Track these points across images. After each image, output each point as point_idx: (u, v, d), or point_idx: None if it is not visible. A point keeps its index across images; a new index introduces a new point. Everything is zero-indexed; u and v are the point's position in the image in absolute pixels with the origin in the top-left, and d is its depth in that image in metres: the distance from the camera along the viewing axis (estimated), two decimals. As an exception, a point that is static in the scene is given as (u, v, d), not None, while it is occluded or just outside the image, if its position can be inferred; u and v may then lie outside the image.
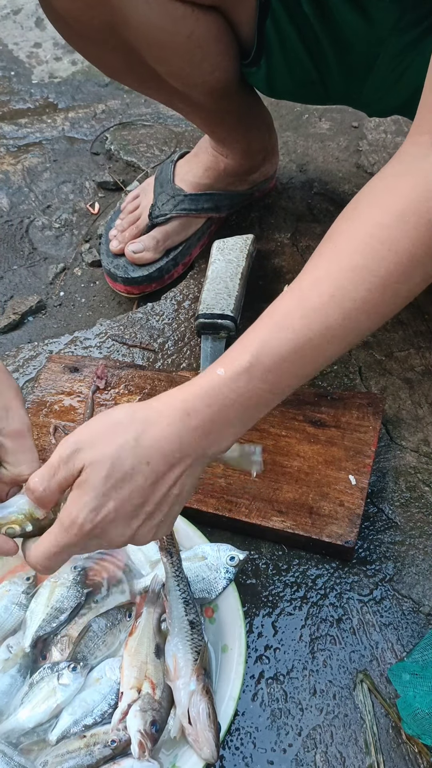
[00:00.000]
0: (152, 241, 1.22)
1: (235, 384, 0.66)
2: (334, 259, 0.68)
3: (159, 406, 0.67)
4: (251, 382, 0.67)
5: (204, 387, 0.67)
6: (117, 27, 0.94)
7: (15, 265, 1.35)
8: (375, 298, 0.67)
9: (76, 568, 0.87)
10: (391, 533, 0.96)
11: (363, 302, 0.67)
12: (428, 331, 1.15)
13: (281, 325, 0.67)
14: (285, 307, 0.69)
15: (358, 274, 0.66)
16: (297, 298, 0.68)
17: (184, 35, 0.94)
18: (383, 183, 0.70)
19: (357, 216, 0.69)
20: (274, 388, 0.68)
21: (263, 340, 0.67)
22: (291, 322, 0.67)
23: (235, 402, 0.67)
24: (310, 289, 0.68)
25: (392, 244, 0.66)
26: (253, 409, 0.69)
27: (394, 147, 1.45)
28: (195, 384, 0.67)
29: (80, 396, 1.08)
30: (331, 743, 0.81)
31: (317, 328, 0.67)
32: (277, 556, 0.95)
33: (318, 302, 0.67)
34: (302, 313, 0.67)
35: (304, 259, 1.27)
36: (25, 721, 0.77)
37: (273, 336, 0.67)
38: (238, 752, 0.81)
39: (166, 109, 1.59)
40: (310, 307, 0.67)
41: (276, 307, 0.70)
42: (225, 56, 1.00)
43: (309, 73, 1.03)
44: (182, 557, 0.84)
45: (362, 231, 0.67)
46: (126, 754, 0.74)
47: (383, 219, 0.67)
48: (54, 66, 1.76)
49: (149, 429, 0.65)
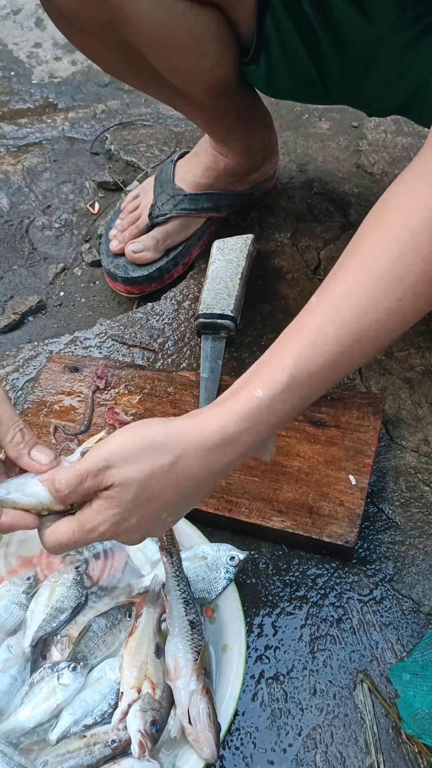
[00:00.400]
0: (152, 240, 1.22)
1: (274, 406, 0.66)
2: (363, 267, 0.67)
3: (197, 431, 0.66)
4: (287, 402, 0.67)
5: (243, 411, 0.66)
6: (117, 23, 0.94)
7: (15, 265, 1.35)
8: (406, 307, 0.66)
9: (77, 569, 0.87)
10: (391, 533, 0.96)
11: (396, 312, 0.66)
12: (428, 330, 1.15)
13: (315, 341, 0.66)
14: (318, 320, 0.67)
15: (389, 283, 0.66)
16: (330, 312, 0.67)
17: (184, 31, 0.94)
18: (407, 187, 0.69)
19: (383, 222, 0.68)
20: (305, 403, 0.69)
21: (299, 357, 0.66)
22: (325, 337, 0.66)
23: (271, 422, 0.67)
24: (341, 301, 0.67)
25: (421, 250, 0.65)
26: (283, 423, 0.69)
27: (394, 147, 1.45)
28: (233, 407, 0.66)
29: (80, 396, 1.08)
30: (331, 743, 0.81)
31: (350, 342, 0.67)
32: (277, 556, 0.95)
33: (350, 315, 0.66)
34: (336, 328, 0.66)
35: (304, 259, 1.27)
36: (25, 721, 0.77)
37: (308, 353, 0.66)
38: (238, 752, 0.81)
39: (165, 109, 1.59)
40: (342, 321, 0.66)
41: (307, 320, 0.68)
42: (225, 53, 1.01)
43: (308, 72, 1.03)
44: (182, 557, 0.84)
45: (390, 237, 0.66)
46: (126, 754, 0.74)
47: (410, 224, 0.66)
48: (54, 66, 1.76)
49: (185, 455, 0.65)
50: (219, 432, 0.66)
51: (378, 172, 1.40)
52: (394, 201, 0.69)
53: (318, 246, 1.28)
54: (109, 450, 0.65)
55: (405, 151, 1.43)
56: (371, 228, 0.69)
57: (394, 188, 0.70)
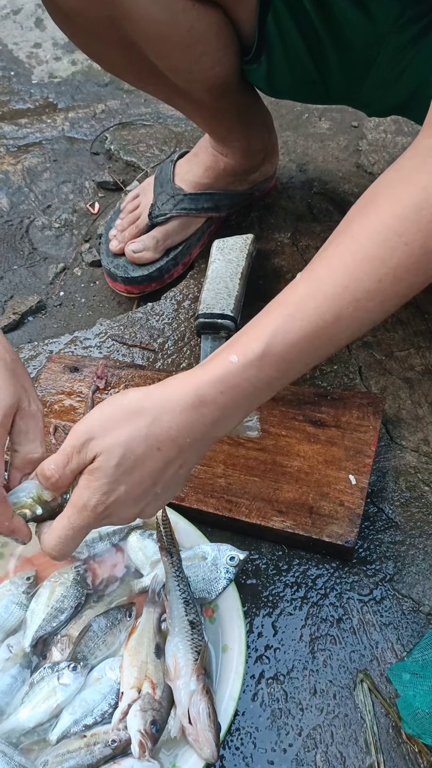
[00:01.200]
0: (152, 240, 1.22)
1: (248, 372, 0.67)
2: (349, 248, 0.69)
3: (171, 393, 0.68)
4: (263, 370, 0.68)
5: (217, 374, 0.67)
6: (117, 20, 0.93)
7: (15, 265, 1.35)
8: (386, 289, 0.67)
9: (76, 568, 0.87)
10: (391, 533, 0.96)
11: (375, 293, 0.67)
12: (428, 330, 1.15)
13: (294, 314, 0.68)
14: (298, 295, 0.69)
15: (371, 264, 0.67)
16: (311, 287, 0.69)
17: (185, 29, 0.94)
18: (399, 175, 0.70)
19: (373, 206, 0.70)
20: (284, 375, 0.70)
21: (276, 328, 0.67)
22: (304, 311, 0.68)
23: (247, 389, 0.68)
24: (324, 278, 0.68)
25: (406, 235, 0.66)
26: (262, 394, 0.70)
27: (394, 147, 1.45)
28: (207, 370, 0.68)
29: (80, 396, 1.08)
30: (331, 743, 0.81)
31: (329, 318, 0.67)
32: (277, 556, 0.95)
33: (332, 292, 0.67)
34: (315, 303, 0.68)
35: (304, 259, 1.27)
36: (25, 721, 0.77)
37: (286, 324, 0.67)
38: (239, 752, 0.81)
39: (165, 109, 1.60)
40: (323, 297, 0.67)
41: (289, 295, 0.70)
42: (226, 52, 1.00)
43: (309, 72, 1.03)
44: (182, 557, 0.84)
45: (377, 221, 0.68)
46: (126, 754, 0.74)
47: (398, 210, 0.67)
48: (54, 66, 1.76)
49: (161, 417, 0.66)
50: (193, 392, 0.67)
51: (378, 171, 1.40)
52: (386, 187, 0.70)
53: (318, 246, 1.27)
54: (89, 423, 0.67)
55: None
56: (360, 213, 0.71)
57: (386, 175, 0.71)
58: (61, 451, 0.67)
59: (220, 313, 1.08)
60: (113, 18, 0.93)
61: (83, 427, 0.67)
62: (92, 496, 0.66)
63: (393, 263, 0.67)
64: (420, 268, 0.67)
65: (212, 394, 0.67)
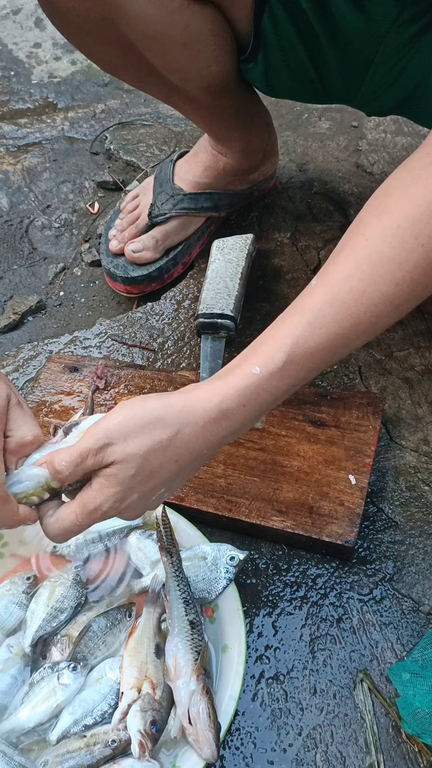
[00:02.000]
0: (152, 240, 1.22)
1: (270, 383, 0.68)
2: (364, 251, 0.69)
3: (194, 405, 0.68)
4: (284, 380, 0.68)
5: (239, 387, 0.68)
6: (113, 19, 0.93)
7: (15, 264, 1.35)
8: (404, 292, 0.68)
9: (77, 568, 0.87)
10: (390, 532, 0.96)
11: (393, 296, 0.68)
12: (428, 330, 1.15)
13: (313, 323, 0.68)
14: (316, 302, 0.69)
15: (387, 268, 0.67)
16: (328, 294, 0.69)
17: (180, 27, 0.94)
18: (411, 174, 0.70)
19: (385, 207, 0.69)
20: (301, 382, 0.71)
21: (297, 337, 0.68)
22: (323, 318, 0.68)
23: (266, 399, 0.69)
24: (340, 284, 0.69)
25: (422, 237, 0.66)
26: (278, 402, 0.71)
27: (394, 147, 1.45)
28: (229, 383, 0.68)
29: (80, 396, 1.08)
30: (331, 743, 0.81)
31: (348, 324, 0.68)
32: (277, 555, 0.95)
33: (349, 298, 0.68)
34: (333, 310, 0.68)
35: (303, 259, 1.27)
36: (25, 721, 0.77)
37: (305, 333, 0.68)
38: (239, 752, 0.81)
39: (165, 109, 1.59)
40: (341, 303, 0.68)
41: (307, 302, 0.70)
42: (222, 50, 1.00)
43: (307, 71, 1.03)
44: (182, 557, 0.84)
45: (391, 222, 0.68)
46: (126, 754, 0.74)
47: (411, 211, 0.67)
48: (53, 66, 1.76)
49: (183, 430, 0.67)
50: (216, 407, 0.67)
51: (378, 171, 1.40)
52: (397, 188, 0.70)
53: (318, 246, 1.28)
54: (108, 427, 0.66)
55: (405, 151, 1.43)
56: (373, 214, 0.70)
57: (398, 175, 0.71)
58: (76, 450, 0.66)
59: (220, 312, 1.08)
60: (109, 17, 0.93)
61: (102, 431, 0.66)
62: (105, 501, 0.66)
63: (410, 266, 0.67)
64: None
65: (235, 408, 0.68)
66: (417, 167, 0.70)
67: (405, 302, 0.69)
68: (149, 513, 0.90)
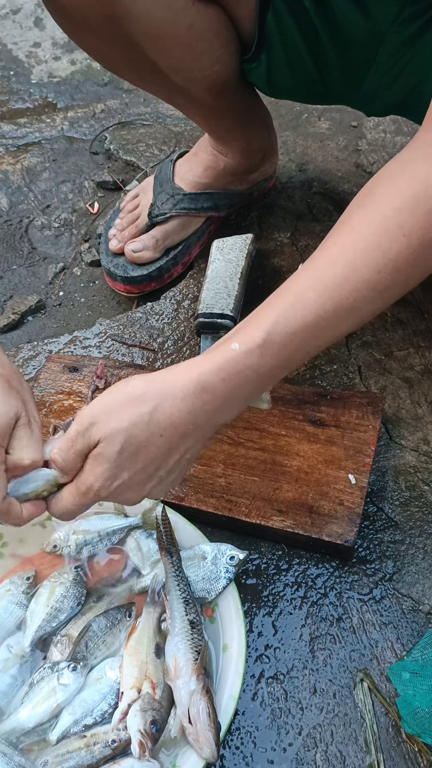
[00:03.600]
0: (152, 240, 1.22)
1: (249, 360, 0.68)
2: (349, 238, 0.70)
3: (173, 379, 0.69)
4: (264, 358, 0.69)
5: (219, 361, 0.69)
6: (117, 18, 0.93)
7: (14, 264, 1.35)
8: (386, 280, 0.69)
9: (76, 568, 0.87)
10: (390, 532, 0.96)
11: (375, 283, 0.69)
12: (428, 330, 1.16)
13: (295, 304, 0.69)
14: (300, 285, 0.70)
15: (371, 255, 0.68)
16: (312, 278, 0.70)
17: (185, 27, 0.94)
18: (398, 167, 0.72)
19: (372, 198, 0.71)
20: (285, 363, 0.71)
21: (277, 317, 0.69)
22: (305, 301, 0.69)
23: (249, 377, 0.69)
24: (324, 269, 0.70)
25: (405, 227, 0.67)
26: (264, 382, 0.72)
27: (394, 146, 1.45)
28: (209, 358, 0.69)
29: (80, 396, 1.08)
30: (331, 742, 0.81)
31: (330, 308, 0.69)
32: (277, 555, 0.95)
33: (332, 282, 0.69)
34: (316, 293, 0.69)
35: (303, 259, 1.26)
36: (25, 721, 0.77)
37: (287, 314, 0.69)
38: (239, 751, 0.81)
39: (165, 109, 1.60)
40: (324, 287, 0.69)
41: (291, 285, 0.71)
42: (225, 50, 1.01)
43: (308, 70, 1.03)
44: (182, 557, 0.84)
45: (377, 212, 0.69)
46: (126, 754, 0.74)
47: (397, 201, 0.68)
48: (53, 66, 1.76)
49: (163, 403, 0.68)
50: (195, 380, 0.68)
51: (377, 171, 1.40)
52: (385, 179, 0.72)
53: (317, 245, 1.28)
54: (93, 408, 0.69)
55: (404, 151, 1.43)
56: (360, 204, 0.72)
57: (387, 167, 0.73)
58: (66, 437, 0.69)
59: (220, 312, 1.08)
60: (113, 16, 0.93)
61: (87, 412, 0.68)
62: (96, 481, 0.68)
63: (392, 254, 0.68)
64: (418, 259, 0.69)
65: (214, 381, 0.68)
66: (404, 160, 0.72)
67: (387, 288, 0.70)
68: (149, 513, 0.90)
